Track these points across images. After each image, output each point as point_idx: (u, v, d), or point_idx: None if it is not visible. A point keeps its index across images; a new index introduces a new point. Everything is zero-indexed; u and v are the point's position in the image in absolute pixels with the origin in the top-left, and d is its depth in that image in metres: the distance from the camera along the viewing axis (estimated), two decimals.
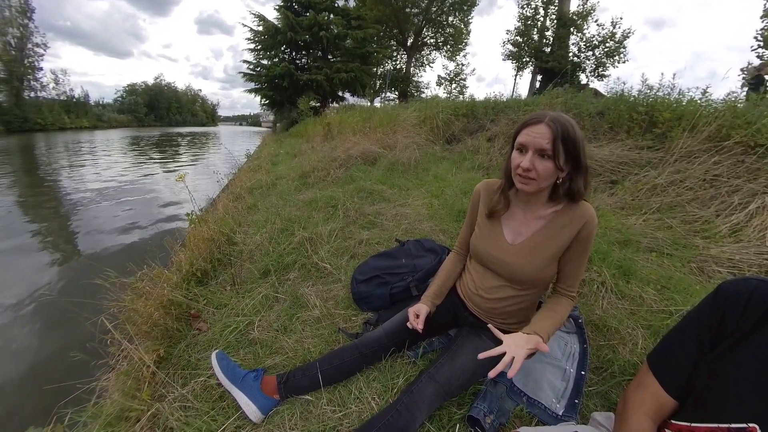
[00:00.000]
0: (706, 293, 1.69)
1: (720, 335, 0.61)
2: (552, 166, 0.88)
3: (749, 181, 2.55)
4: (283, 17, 15.55)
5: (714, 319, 0.63)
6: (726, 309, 0.61)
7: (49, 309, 2.52)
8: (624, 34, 16.29)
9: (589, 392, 1.13)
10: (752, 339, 0.57)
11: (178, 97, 68.42)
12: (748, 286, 0.60)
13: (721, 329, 0.61)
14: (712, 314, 0.63)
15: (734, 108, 3.10)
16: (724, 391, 0.57)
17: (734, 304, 0.60)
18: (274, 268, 1.89)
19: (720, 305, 0.62)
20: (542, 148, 0.86)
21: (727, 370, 0.58)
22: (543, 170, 0.88)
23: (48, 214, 4.99)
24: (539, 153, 0.88)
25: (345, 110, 8.26)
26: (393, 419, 0.93)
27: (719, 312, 0.62)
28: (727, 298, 0.62)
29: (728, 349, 0.59)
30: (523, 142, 0.90)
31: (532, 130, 0.88)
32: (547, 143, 0.86)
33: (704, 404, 0.60)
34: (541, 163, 0.88)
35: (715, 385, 0.58)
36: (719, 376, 0.58)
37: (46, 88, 33.01)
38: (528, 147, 0.89)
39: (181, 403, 1.15)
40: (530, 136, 0.88)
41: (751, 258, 1.91)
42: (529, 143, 0.88)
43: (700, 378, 0.62)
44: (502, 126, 5.08)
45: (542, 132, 0.86)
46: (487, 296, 1.10)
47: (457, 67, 23.21)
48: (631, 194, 2.94)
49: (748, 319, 0.58)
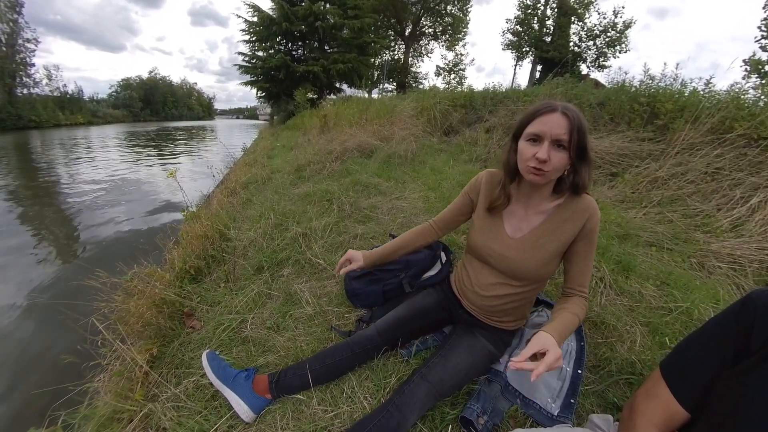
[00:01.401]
0: (707, 289, 1.65)
1: (745, 350, 0.56)
2: (566, 156, 0.85)
3: (751, 175, 2.51)
4: (277, 7, 15.26)
5: (740, 331, 0.57)
6: (755, 321, 0.55)
7: (39, 311, 2.51)
8: (626, 23, 16.06)
9: (585, 391, 1.12)
10: None
11: (174, 91, 67.60)
12: None
13: (747, 343, 0.56)
14: (739, 326, 0.58)
15: (738, 99, 3.05)
16: (745, 412, 0.53)
17: (765, 317, 0.55)
18: (268, 265, 1.86)
19: (748, 317, 0.57)
20: (560, 138, 0.83)
21: (751, 390, 0.53)
22: (557, 161, 0.84)
23: (40, 214, 4.96)
24: (556, 143, 0.84)
25: (342, 102, 8.16)
26: (384, 419, 0.92)
27: (747, 324, 0.57)
28: (756, 310, 0.56)
29: (754, 366, 0.54)
30: (538, 132, 0.85)
31: (549, 119, 0.84)
32: (565, 133, 0.82)
33: (722, 422, 0.55)
34: (556, 154, 0.84)
35: (735, 404, 0.54)
36: (741, 395, 0.54)
37: (39, 84, 32.74)
38: (544, 137, 0.84)
39: (173, 403, 1.14)
40: (547, 126, 0.84)
41: (752, 253, 1.88)
42: (545, 133, 0.84)
43: (719, 394, 0.57)
44: (501, 117, 5.00)
45: (559, 121, 0.83)
46: (483, 293, 1.07)
47: (455, 57, 22.94)
48: (632, 187, 2.91)
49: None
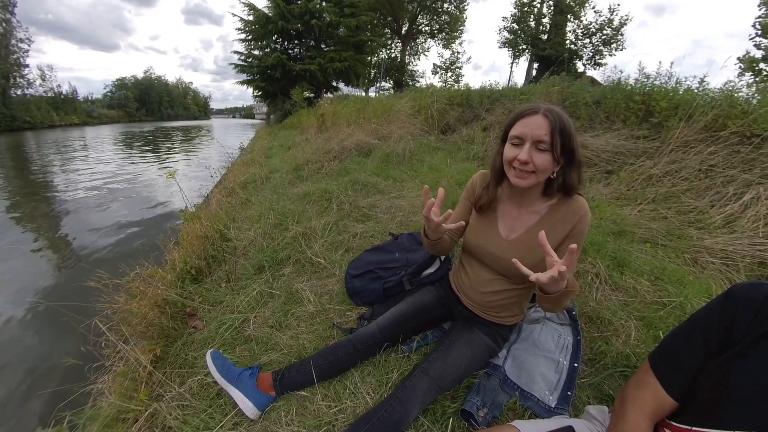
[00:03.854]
0: (700, 284, 1.69)
1: (728, 340, 0.59)
2: (550, 158, 0.86)
3: (744, 172, 2.55)
4: (273, 5, 15.17)
5: (723, 323, 0.61)
6: (737, 314, 0.59)
7: (41, 314, 2.51)
8: (621, 21, 16.13)
9: (581, 384, 1.15)
10: (762, 346, 0.55)
11: (169, 91, 66.91)
12: (761, 291, 0.58)
13: (730, 334, 0.59)
14: (722, 318, 0.61)
15: (731, 97, 3.09)
16: (729, 398, 0.56)
17: (746, 309, 0.58)
18: (269, 264, 1.88)
19: (730, 309, 0.60)
20: (540, 140, 0.84)
21: (734, 377, 0.56)
22: (541, 163, 0.86)
23: (39, 216, 4.94)
24: (537, 145, 0.85)
25: (339, 101, 8.15)
26: (387, 414, 0.94)
27: (729, 316, 0.60)
28: (738, 303, 0.59)
29: (736, 355, 0.57)
30: (518, 134, 0.88)
31: (529, 121, 0.86)
32: (546, 134, 0.84)
33: (707, 409, 0.58)
34: (539, 155, 0.86)
35: (720, 391, 0.57)
36: (725, 382, 0.57)
37: (33, 84, 32.32)
38: (525, 139, 0.86)
39: (178, 402, 1.15)
40: (527, 128, 0.86)
41: (744, 249, 1.92)
42: (525, 135, 0.86)
43: (705, 382, 0.61)
44: (498, 115, 5.03)
45: (540, 123, 0.85)
46: (481, 290, 1.10)
47: (452, 55, 22.96)
48: (627, 184, 2.94)
49: (759, 326, 0.56)
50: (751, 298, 0.58)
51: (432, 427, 1.01)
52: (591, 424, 0.81)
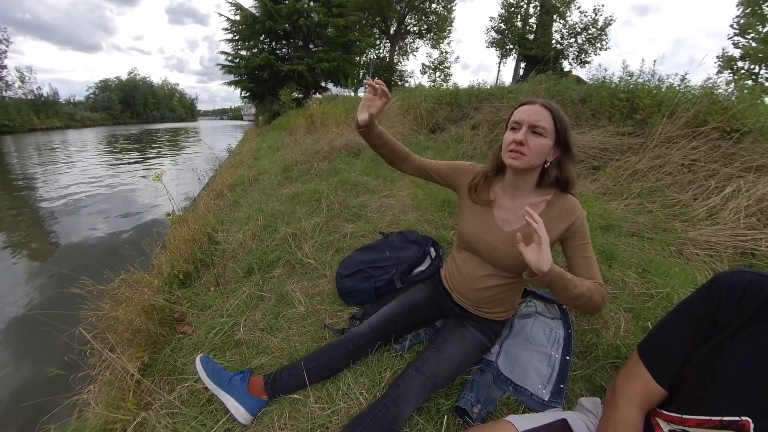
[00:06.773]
0: (685, 275, 1.72)
1: (714, 328, 0.60)
2: (544, 143, 0.91)
3: (725, 166, 2.63)
4: (260, 5, 14.99)
5: (708, 311, 0.62)
6: (721, 302, 0.60)
7: (22, 323, 2.42)
8: (606, 21, 16.46)
9: (574, 377, 1.16)
10: (747, 332, 0.56)
11: (155, 92, 65.46)
12: (743, 279, 0.59)
13: (715, 322, 0.60)
14: (707, 306, 0.62)
15: (711, 94, 3.18)
16: (718, 384, 0.57)
17: (729, 297, 0.59)
18: (258, 266, 1.85)
19: (715, 298, 0.61)
20: (536, 125, 0.90)
21: (721, 364, 0.57)
22: (535, 146, 0.91)
23: (20, 222, 4.76)
24: (533, 129, 0.91)
25: (328, 101, 8.11)
26: (381, 414, 0.93)
27: (714, 304, 0.61)
28: (722, 291, 0.61)
29: (722, 342, 0.58)
30: (517, 120, 0.94)
31: (528, 108, 0.93)
32: (541, 120, 0.90)
33: (697, 396, 0.59)
34: (534, 138, 0.91)
35: (708, 378, 0.58)
36: (713, 369, 0.58)
37: (12, 87, 31.24)
38: (522, 123, 0.92)
39: (168, 410, 1.12)
40: (525, 114, 0.92)
41: (726, 240, 1.97)
42: (523, 120, 0.92)
43: (693, 370, 0.61)
44: (486, 114, 5.06)
45: (537, 110, 0.91)
46: (474, 286, 1.10)
47: (441, 55, 23.08)
48: (613, 180, 3.00)
49: (743, 313, 0.57)
50: (735, 286, 0.59)
51: (426, 425, 1.00)
52: (584, 415, 0.82)
